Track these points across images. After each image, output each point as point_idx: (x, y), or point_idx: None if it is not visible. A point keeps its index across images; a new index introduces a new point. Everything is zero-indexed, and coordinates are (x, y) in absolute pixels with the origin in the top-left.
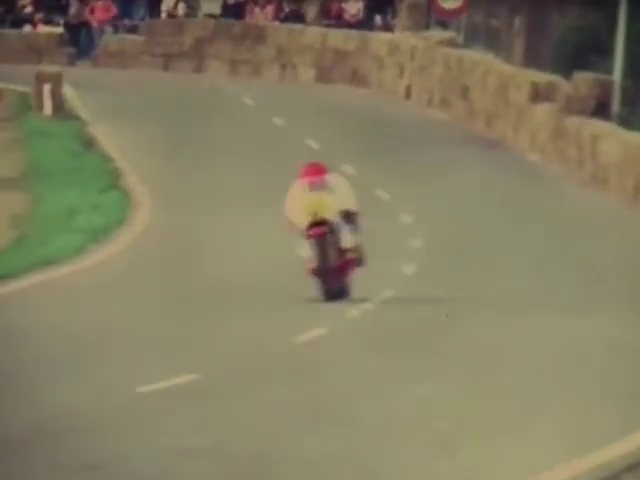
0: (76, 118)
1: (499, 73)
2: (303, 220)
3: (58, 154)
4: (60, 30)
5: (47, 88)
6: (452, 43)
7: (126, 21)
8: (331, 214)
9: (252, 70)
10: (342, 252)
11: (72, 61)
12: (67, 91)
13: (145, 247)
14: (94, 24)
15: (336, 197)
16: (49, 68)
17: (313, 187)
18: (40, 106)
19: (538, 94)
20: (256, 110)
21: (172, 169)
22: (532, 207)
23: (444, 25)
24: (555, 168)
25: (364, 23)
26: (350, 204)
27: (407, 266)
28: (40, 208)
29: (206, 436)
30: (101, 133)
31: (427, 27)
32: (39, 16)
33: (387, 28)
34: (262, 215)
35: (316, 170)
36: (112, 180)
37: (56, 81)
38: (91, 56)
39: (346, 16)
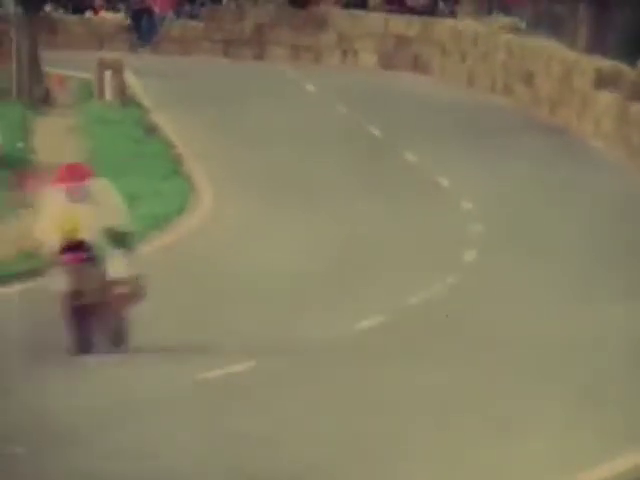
0: (138, 105)
1: (563, 59)
2: (54, 240)
3: (120, 141)
4: (122, 16)
5: (109, 75)
6: (515, 29)
7: (187, 7)
8: (92, 233)
9: (313, 56)
10: (109, 285)
11: (134, 48)
12: (128, 78)
13: (206, 235)
14: (156, 10)
15: (101, 210)
16: (111, 55)
17: (71, 196)
18: (102, 93)
19: (602, 81)
20: (318, 97)
21: (234, 156)
22: (595, 192)
23: (507, 11)
24: (619, 154)
25: (427, 9)
26: (119, 220)
27: (468, 252)
28: None
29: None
30: (163, 120)
31: (490, 13)
32: (100, 2)
33: (450, 14)
34: (323, 206)
35: (75, 173)
36: (174, 167)
37: (117, 68)
38: (152, 42)
39: (409, 2)
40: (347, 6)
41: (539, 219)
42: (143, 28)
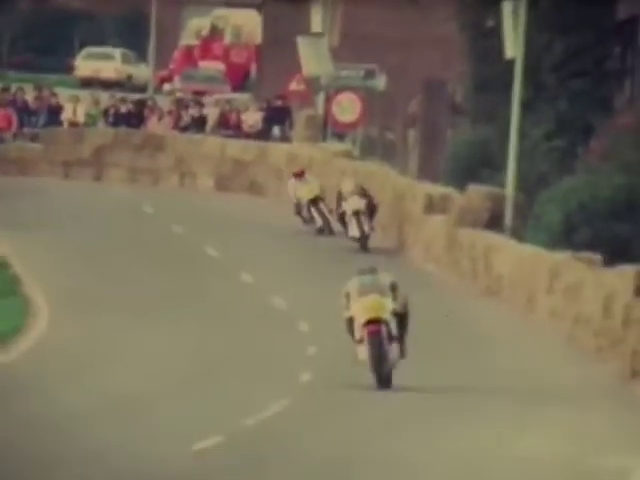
0: None
1: (394, 185)
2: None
3: None
4: None
5: None
6: (348, 155)
7: (26, 129)
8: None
9: (151, 179)
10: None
11: None
12: None
13: (41, 355)
14: None
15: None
16: None
17: None
18: None
19: (432, 206)
20: (155, 218)
21: (71, 277)
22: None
23: (341, 137)
24: (450, 279)
25: (262, 134)
26: None
27: (304, 373)
28: None
29: None
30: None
31: (324, 139)
32: None
33: (285, 139)
34: (161, 321)
35: None
36: (10, 287)
37: None
38: None
39: (244, 127)
40: (185, 130)
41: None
42: None
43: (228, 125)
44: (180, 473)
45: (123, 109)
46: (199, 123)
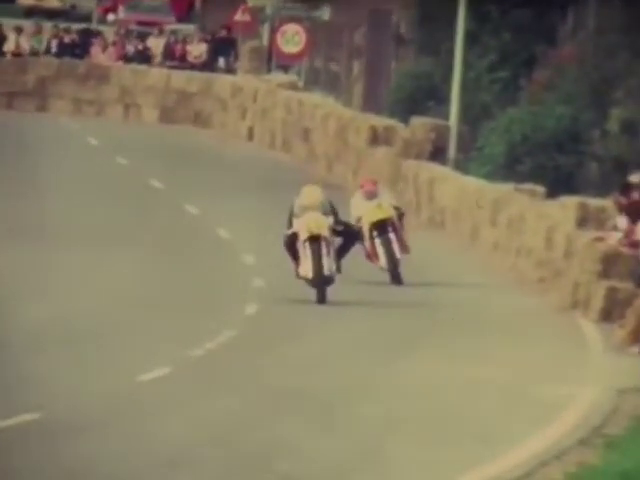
0: None
1: (339, 117)
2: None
3: None
4: None
5: None
6: (293, 86)
7: None
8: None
9: (96, 110)
10: None
11: None
12: None
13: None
14: None
15: None
16: None
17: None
18: None
19: (377, 138)
20: (99, 150)
21: (10, 209)
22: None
23: (285, 69)
24: None
25: (207, 65)
26: None
27: (250, 305)
28: None
29: None
30: None
31: (269, 70)
32: None
33: (230, 71)
34: (105, 252)
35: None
36: None
37: None
38: None
39: (190, 58)
40: (130, 61)
41: None
42: None
43: (173, 56)
44: (127, 405)
45: (67, 39)
46: (143, 54)
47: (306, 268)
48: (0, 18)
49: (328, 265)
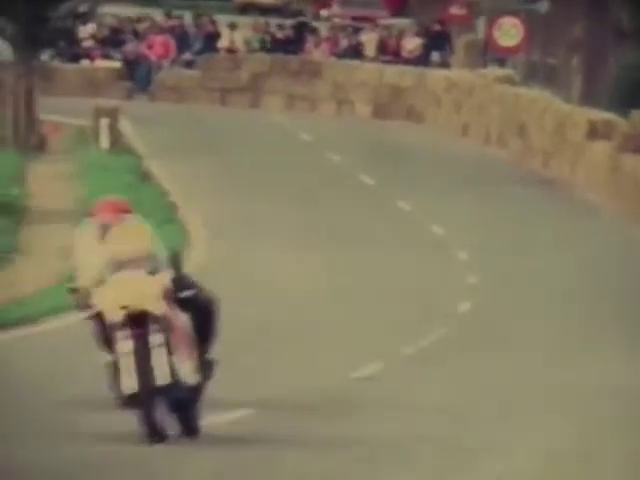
0: (133, 152)
1: (556, 111)
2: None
3: (114, 187)
4: (118, 65)
5: (104, 122)
6: (509, 80)
7: (184, 56)
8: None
9: (308, 105)
10: None
11: (129, 95)
12: (124, 125)
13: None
14: (152, 59)
15: None
16: (106, 102)
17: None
18: (97, 140)
19: (595, 132)
20: (313, 146)
21: (228, 203)
22: (588, 243)
23: (501, 62)
24: (612, 206)
25: (421, 60)
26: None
27: (463, 303)
28: None
29: None
30: (157, 167)
31: (484, 64)
32: (97, 51)
33: (444, 65)
34: (323, 251)
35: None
36: (168, 214)
37: (113, 115)
38: (148, 90)
39: (403, 52)
40: (342, 56)
41: (534, 270)
42: (139, 76)
43: (387, 51)
44: (341, 402)
45: (280, 35)
46: (356, 50)
47: (127, 377)
48: (215, 15)
49: (162, 368)
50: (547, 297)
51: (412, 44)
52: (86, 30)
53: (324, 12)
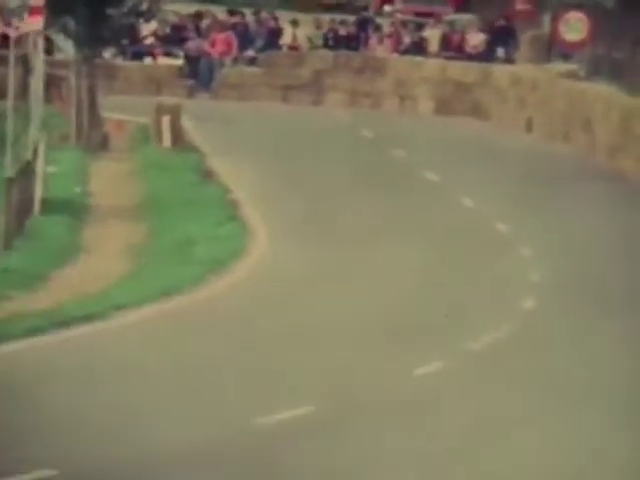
0: (195, 150)
1: (621, 105)
2: None
3: (176, 185)
4: (180, 62)
5: (166, 120)
6: (574, 75)
7: (246, 53)
8: None
9: (371, 102)
10: None
11: (191, 93)
12: (186, 123)
13: (261, 280)
14: (214, 56)
15: None
16: (168, 100)
17: None
18: (159, 138)
19: None
20: (375, 142)
21: (290, 202)
22: None
23: (566, 57)
24: None
25: (486, 55)
26: None
27: (526, 301)
28: (159, 238)
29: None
30: (220, 165)
31: (549, 59)
32: (159, 49)
33: (509, 60)
34: (382, 247)
35: None
36: (230, 211)
37: (175, 113)
38: (210, 88)
39: (467, 48)
40: (405, 52)
41: (601, 269)
42: (201, 74)
43: (450, 47)
44: (405, 399)
45: (343, 32)
46: (419, 45)
47: None
48: (277, 11)
49: None
50: (613, 297)
51: (476, 39)
52: (148, 28)
53: (387, 8)
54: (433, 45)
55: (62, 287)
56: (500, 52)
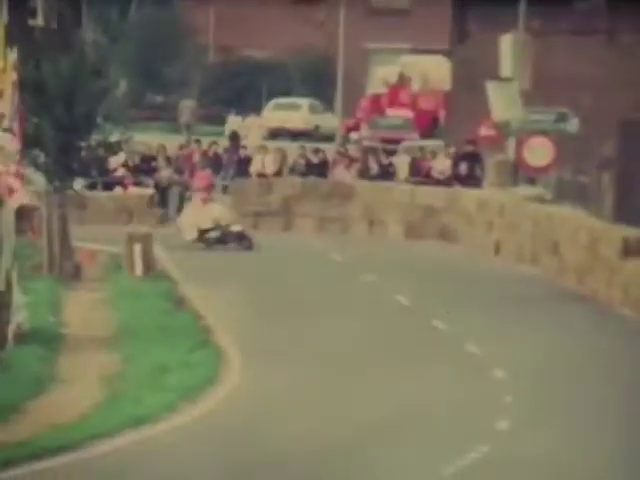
0: (167, 277)
1: (589, 229)
2: None
3: (148, 313)
4: (150, 191)
5: (138, 248)
6: (541, 199)
7: (220, 182)
8: None
9: (340, 227)
10: None
11: (162, 221)
12: (158, 251)
13: (233, 408)
14: (191, 188)
15: None
16: (140, 228)
17: None
18: (131, 266)
19: (630, 250)
20: (344, 267)
21: (262, 328)
22: (628, 362)
23: (532, 181)
24: None
25: (452, 180)
26: None
27: (501, 422)
28: (131, 367)
29: None
30: (192, 292)
31: (515, 183)
32: (129, 179)
33: (476, 185)
34: (357, 372)
35: None
36: (203, 338)
37: (147, 241)
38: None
39: (434, 173)
40: (374, 179)
41: (571, 391)
42: (171, 202)
43: (418, 172)
44: None
45: (315, 159)
46: (387, 171)
47: None
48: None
49: None
50: (586, 419)
51: (442, 165)
52: (117, 160)
53: (354, 135)
54: (403, 171)
55: (36, 418)
56: (466, 177)
